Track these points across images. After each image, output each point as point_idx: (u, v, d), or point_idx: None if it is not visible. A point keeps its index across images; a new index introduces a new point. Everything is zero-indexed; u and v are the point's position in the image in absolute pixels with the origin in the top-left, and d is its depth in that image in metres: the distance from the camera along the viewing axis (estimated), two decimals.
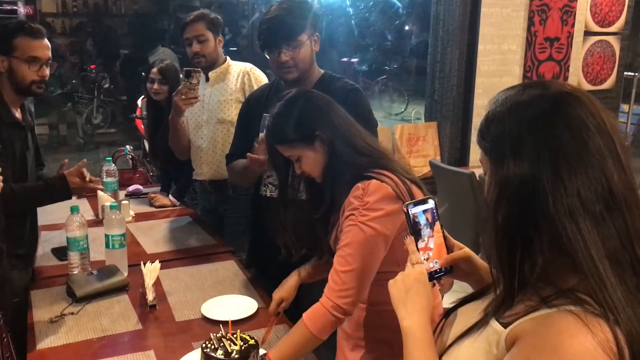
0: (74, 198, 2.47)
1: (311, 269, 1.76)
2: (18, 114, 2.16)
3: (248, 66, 2.75)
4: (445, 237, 1.10)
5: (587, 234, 0.79)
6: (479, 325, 0.89)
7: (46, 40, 2.14)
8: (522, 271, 0.84)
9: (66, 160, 2.44)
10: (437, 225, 1.08)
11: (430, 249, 1.06)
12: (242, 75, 2.70)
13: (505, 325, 0.85)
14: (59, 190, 2.20)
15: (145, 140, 4.17)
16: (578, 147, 0.81)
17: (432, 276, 1.05)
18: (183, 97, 2.45)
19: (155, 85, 2.95)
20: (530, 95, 0.86)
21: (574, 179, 0.80)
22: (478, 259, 1.11)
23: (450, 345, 0.95)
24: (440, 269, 1.07)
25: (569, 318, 0.77)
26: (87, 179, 2.23)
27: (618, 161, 0.82)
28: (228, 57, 2.80)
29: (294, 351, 1.47)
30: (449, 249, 1.10)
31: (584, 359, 0.74)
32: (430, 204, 1.08)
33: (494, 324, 0.87)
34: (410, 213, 1.05)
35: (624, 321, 0.76)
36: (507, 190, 0.84)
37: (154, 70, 2.96)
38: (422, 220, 1.06)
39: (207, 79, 2.75)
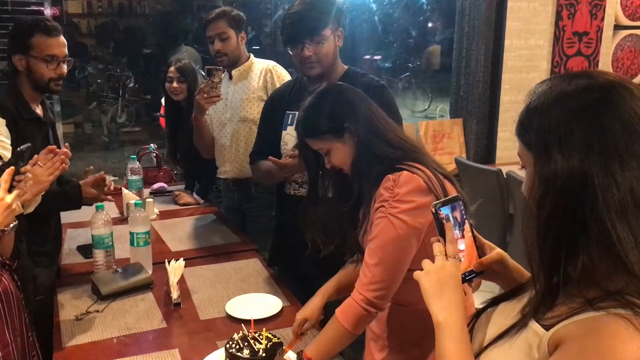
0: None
1: (336, 286, 1.69)
2: (39, 110, 2.17)
3: (271, 64, 2.73)
4: (474, 237, 1.05)
5: (639, 232, 0.74)
6: (518, 326, 0.85)
7: (62, 38, 2.14)
8: (565, 270, 0.80)
9: (91, 167, 2.43)
10: (467, 225, 1.04)
11: (461, 251, 1.02)
12: (264, 73, 2.68)
13: (547, 328, 0.80)
14: (72, 200, 2.20)
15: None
16: (630, 140, 0.76)
17: (464, 278, 1.01)
18: (205, 95, 2.44)
19: (174, 84, 2.94)
20: (577, 86, 0.81)
21: (627, 173, 0.75)
22: (510, 259, 1.07)
23: (487, 347, 0.91)
24: (472, 270, 1.03)
25: (619, 322, 0.72)
26: (109, 187, 2.26)
27: None
28: (251, 55, 2.78)
29: (330, 347, 1.46)
30: (479, 248, 1.06)
31: None
32: (459, 203, 1.04)
33: (534, 326, 0.83)
34: (438, 214, 1.01)
35: None
36: (554, 186, 0.79)
37: (172, 68, 2.96)
38: (450, 220, 1.02)
39: (230, 77, 2.73)
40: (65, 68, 2.14)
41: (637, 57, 4.78)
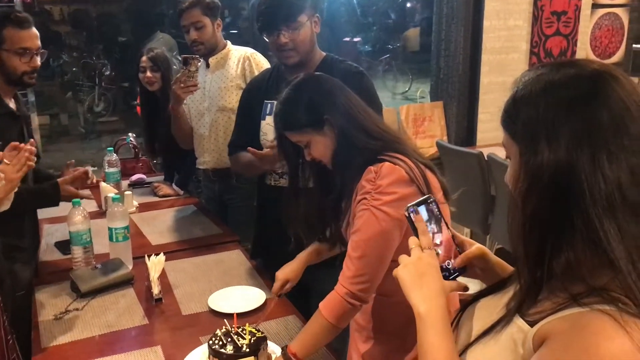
0: None
1: (315, 252, 1.74)
2: (12, 104, 2.11)
3: (249, 51, 2.68)
4: (453, 236, 1.04)
5: (626, 228, 0.73)
6: (502, 321, 0.84)
7: (34, 29, 2.08)
8: (550, 265, 0.78)
9: (72, 160, 2.37)
10: (442, 223, 1.03)
11: (438, 245, 1.00)
12: (242, 61, 2.63)
13: (531, 324, 0.79)
14: (50, 198, 2.15)
15: None
16: (619, 132, 0.74)
17: (447, 277, 0.99)
18: (182, 85, 2.38)
19: (148, 74, 2.88)
20: (565, 75, 0.79)
21: (614, 167, 0.73)
22: (492, 254, 1.06)
23: (472, 343, 0.89)
24: (454, 268, 1.01)
25: (603, 318, 0.71)
26: (92, 180, 2.21)
27: None
28: (228, 42, 2.73)
29: (314, 341, 1.45)
30: (459, 246, 1.04)
31: None
32: (432, 202, 1.02)
33: (519, 322, 0.81)
34: (411, 217, 0.98)
35: None
36: (540, 180, 0.77)
37: (144, 58, 2.89)
38: (424, 216, 1.00)
39: (208, 66, 2.68)
40: (38, 60, 2.09)
41: (615, 35, 4.80)
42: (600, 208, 0.73)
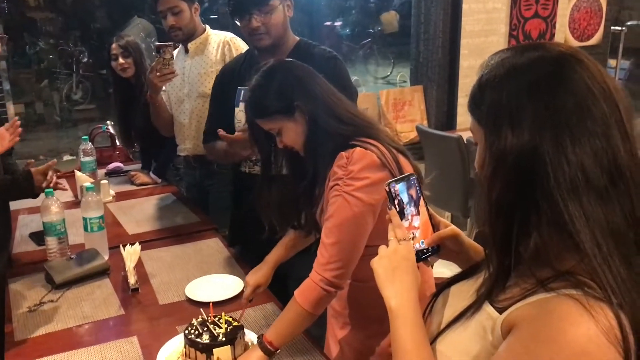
0: None
1: (283, 251, 1.72)
2: None
3: (229, 36, 2.63)
4: (430, 215, 1.04)
5: (590, 211, 0.72)
6: (472, 308, 0.84)
7: None
8: (517, 250, 0.78)
9: (32, 160, 2.30)
10: (422, 203, 1.02)
11: (415, 228, 1.00)
12: (222, 46, 2.59)
13: (500, 311, 0.79)
14: (23, 188, 2.07)
15: None
16: (582, 116, 0.74)
17: (419, 257, 0.99)
18: (158, 74, 2.34)
19: (120, 60, 2.83)
20: (529, 58, 0.78)
21: (578, 150, 0.73)
22: (465, 237, 1.06)
23: (443, 330, 0.89)
24: (427, 248, 1.01)
25: (569, 303, 0.71)
26: (50, 180, 2.08)
27: (623, 131, 0.75)
28: (207, 27, 2.67)
29: (290, 329, 1.44)
30: (435, 227, 1.04)
31: (586, 347, 0.68)
32: (413, 180, 1.02)
33: (488, 308, 0.81)
34: (392, 191, 0.98)
35: (629, 305, 0.70)
36: (504, 164, 0.77)
37: (114, 45, 2.84)
38: (405, 198, 1.00)
39: (187, 51, 2.63)
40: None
41: (594, 18, 4.82)
42: (565, 191, 0.73)
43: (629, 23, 5.45)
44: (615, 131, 0.74)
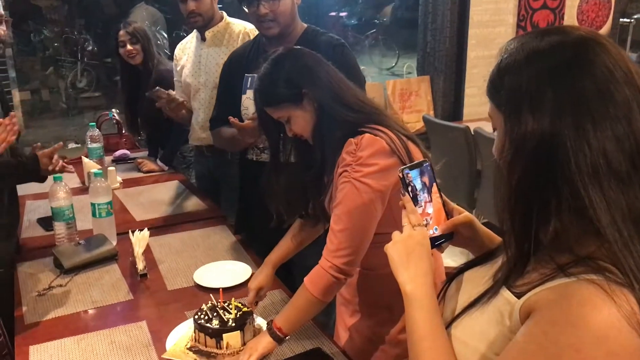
0: None
1: (285, 249, 1.70)
2: None
3: (249, 26, 2.54)
4: (443, 202, 1.03)
5: (611, 196, 0.72)
6: (489, 293, 0.83)
7: None
8: (536, 236, 0.78)
9: (38, 143, 2.28)
10: (435, 189, 1.02)
11: (428, 215, 1.00)
12: (242, 37, 2.52)
13: (518, 295, 0.78)
14: (30, 172, 2.07)
15: None
16: (604, 100, 0.73)
17: (433, 243, 0.99)
18: (169, 109, 2.37)
19: (128, 47, 2.82)
20: (549, 43, 0.77)
21: (599, 135, 0.72)
22: (479, 223, 1.05)
23: (459, 315, 0.89)
24: (441, 235, 1.01)
25: (590, 288, 0.70)
26: (56, 164, 2.07)
27: None
28: (224, 14, 2.61)
29: (299, 316, 1.44)
30: (449, 213, 1.03)
31: (608, 333, 0.67)
32: (426, 166, 1.01)
33: (506, 293, 0.81)
34: (405, 177, 0.98)
35: None
36: (524, 149, 0.76)
37: (121, 32, 2.83)
38: (418, 184, 0.99)
39: (204, 39, 2.58)
40: (3, 30, 2.00)
41: (602, 9, 4.79)
42: (586, 176, 0.72)
43: (637, 15, 5.40)
44: (638, 115, 0.73)
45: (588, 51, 0.75)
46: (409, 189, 0.98)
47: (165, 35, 6.15)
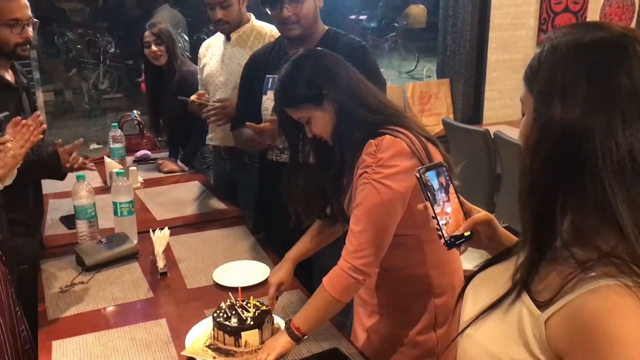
0: None
1: (304, 247, 1.70)
2: (9, 76, 2.07)
3: (274, 30, 2.49)
4: (461, 203, 1.03)
5: (634, 195, 0.72)
6: (509, 296, 0.83)
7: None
8: (554, 229, 0.78)
9: (59, 140, 2.31)
10: (452, 191, 1.02)
11: (447, 214, 1.00)
12: (267, 40, 2.47)
13: (540, 307, 0.78)
14: (50, 167, 2.10)
15: None
16: (636, 99, 0.74)
17: (454, 243, 0.99)
18: (209, 115, 2.32)
19: (153, 47, 2.86)
20: (592, 38, 0.78)
21: (628, 134, 0.73)
22: (498, 223, 1.05)
23: (478, 317, 0.88)
24: (462, 234, 1.01)
25: (613, 297, 0.70)
26: (76, 160, 2.11)
27: None
28: (252, 16, 2.60)
29: (317, 316, 1.44)
30: (466, 214, 1.03)
31: None
32: (443, 169, 1.02)
33: (527, 301, 0.80)
34: (422, 178, 0.99)
35: None
36: (550, 136, 0.77)
37: (147, 33, 2.87)
38: (435, 184, 1.00)
39: (229, 39, 2.58)
40: (30, 31, 2.03)
41: (625, 13, 4.73)
42: (611, 173, 0.73)
43: None
44: None
45: (628, 50, 0.76)
46: (426, 189, 0.99)
47: (187, 38, 6.22)
